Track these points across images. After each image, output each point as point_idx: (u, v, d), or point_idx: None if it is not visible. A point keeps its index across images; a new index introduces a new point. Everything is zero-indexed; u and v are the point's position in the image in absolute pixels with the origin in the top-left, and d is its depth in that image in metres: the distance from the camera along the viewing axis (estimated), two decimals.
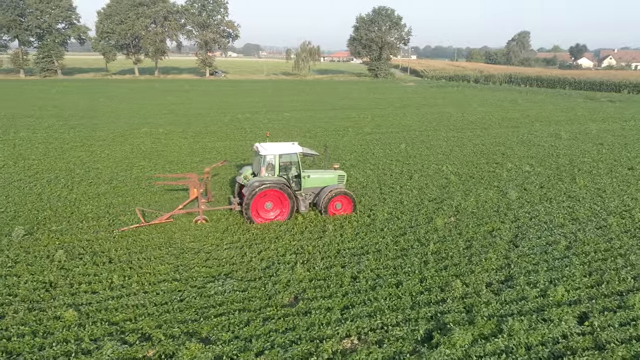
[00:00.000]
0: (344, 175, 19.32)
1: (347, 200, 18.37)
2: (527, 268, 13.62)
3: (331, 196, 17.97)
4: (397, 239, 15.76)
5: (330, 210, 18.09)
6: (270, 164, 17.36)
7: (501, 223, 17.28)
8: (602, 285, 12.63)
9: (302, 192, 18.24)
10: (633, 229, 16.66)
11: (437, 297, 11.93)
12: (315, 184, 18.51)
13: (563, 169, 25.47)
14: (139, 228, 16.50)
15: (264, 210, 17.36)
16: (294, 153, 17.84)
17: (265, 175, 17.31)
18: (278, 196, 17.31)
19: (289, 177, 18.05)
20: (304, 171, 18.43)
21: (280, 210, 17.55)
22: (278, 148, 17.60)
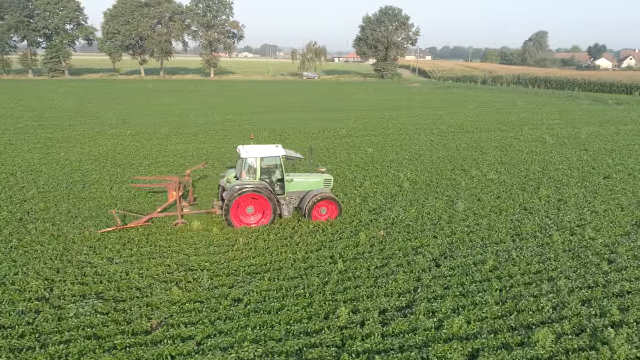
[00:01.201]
0: (330, 179, 18.36)
1: (332, 205, 17.54)
2: (436, 292, 12.15)
3: (315, 201, 17.11)
4: (309, 254, 14.45)
5: (315, 215, 17.25)
6: (251, 167, 16.67)
7: (433, 238, 15.78)
8: (513, 315, 11.11)
9: (286, 196, 17.35)
10: (577, 248, 14.97)
11: (315, 327, 10.60)
12: (299, 187, 17.66)
13: (531, 177, 23.69)
14: None
15: (245, 215, 16.74)
16: (276, 156, 17.02)
17: (247, 179, 16.63)
18: (259, 200, 16.54)
19: (272, 181, 17.21)
20: (288, 174, 17.56)
21: (262, 214, 16.83)
22: (260, 151, 16.84)
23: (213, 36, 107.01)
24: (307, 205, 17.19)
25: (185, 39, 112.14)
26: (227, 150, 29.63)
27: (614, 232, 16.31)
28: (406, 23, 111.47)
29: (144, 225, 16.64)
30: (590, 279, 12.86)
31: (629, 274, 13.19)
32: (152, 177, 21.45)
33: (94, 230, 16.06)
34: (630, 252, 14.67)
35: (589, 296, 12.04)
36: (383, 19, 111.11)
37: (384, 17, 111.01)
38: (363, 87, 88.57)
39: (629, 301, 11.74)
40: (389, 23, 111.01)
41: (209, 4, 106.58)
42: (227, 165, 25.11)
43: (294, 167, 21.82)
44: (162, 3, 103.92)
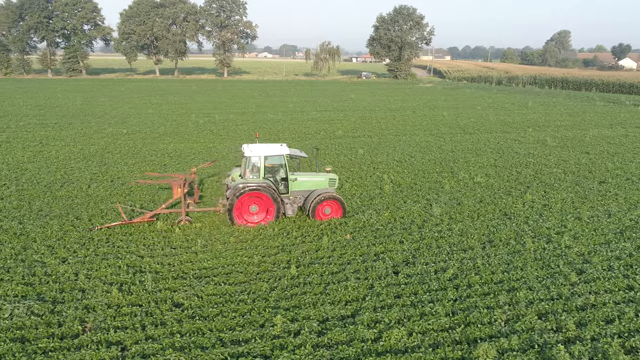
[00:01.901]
0: (335, 179, 18.13)
1: (336, 205, 17.33)
2: (385, 302, 11.60)
3: (319, 200, 16.98)
4: (266, 258, 14.04)
5: (319, 215, 17.14)
6: (255, 166, 16.62)
7: (399, 243, 15.20)
8: (460, 328, 10.49)
9: (290, 196, 17.23)
10: (549, 257, 14.18)
11: (247, 335, 10.17)
12: (303, 187, 17.56)
13: (521, 181, 22.79)
14: None
15: (248, 213, 16.73)
16: (280, 155, 16.92)
17: (250, 177, 16.56)
18: (263, 199, 16.48)
19: (276, 180, 17.12)
20: (292, 174, 17.42)
21: (265, 213, 16.81)
22: (264, 149, 16.81)
23: (226, 36, 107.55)
24: (310, 205, 17.03)
25: (199, 39, 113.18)
26: (217, 150, 29.47)
27: (593, 240, 15.44)
28: (420, 23, 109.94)
29: (149, 222, 16.73)
30: (554, 291, 12.12)
31: (597, 286, 12.39)
32: (160, 174, 21.53)
33: (97, 226, 16.11)
34: (606, 262, 13.83)
35: (549, 309, 11.32)
36: (397, 19, 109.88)
37: (398, 17, 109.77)
38: (371, 88, 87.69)
39: (590, 315, 10.98)
40: (403, 23, 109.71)
41: (223, 4, 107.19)
42: (235, 164, 24.91)
43: (300, 166, 21.64)
44: (177, 3, 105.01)
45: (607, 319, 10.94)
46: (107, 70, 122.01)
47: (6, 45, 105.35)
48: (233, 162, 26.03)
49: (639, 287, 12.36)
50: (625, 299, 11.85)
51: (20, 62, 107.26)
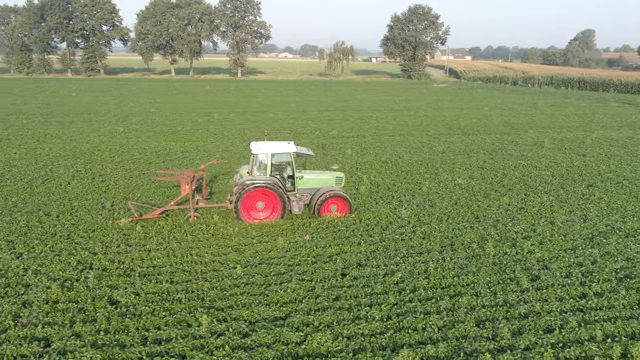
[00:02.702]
0: (342, 177, 18.23)
1: (342, 203, 17.39)
2: (322, 304, 11.39)
3: (325, 198, 17.12)
4: (217, 257, 13.98)
5: (325, 212, 17.21)
6: (262, 163, 16.87)
7: (357, 245, 14.94)
8: (389, 333, 10.20)
9: (297, 193, 17.41)
10: (508, 262, 13.72)
11: (171, 334, 10.09)
12: (309, 184, 17.71)
13: (505, 183, 22.19)
14: None
15: (255, 210, 16.98)
16: (286, 153, 17.12)
17: (257, 175, 16.84)
18: (269, 196, 16.75)
19: (283, 177, 17.33)
20: (299, 172, 17.60)
21: (272, 210, 17.02)
22: (270, 147, 17.04)
23: (240, 36, 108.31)
24: (316, 203, 17.15)
25: (214, 39, 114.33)
26: (206, 149, 29.61)
27: (560, 245, 14.88)
28: (436, 22, 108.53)
29: (159, 218, 17.08)
30: (501, 297, 11.72)
31: (548, 293, 11.91)
32: (171, 171, 21.78)
33: (113, 221, 16.65)
34: (565, 269, 13.31)
35: (489, 316, 10.94)
36: (412, 18, 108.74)
37: (413, 17, 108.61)
38: (383, 88, 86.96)
39: (531, 324, 10.56)
40: (418, 22, 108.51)
41: (237, 5, 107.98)
42: (244, 161, 24.96)
43: (308, 164, 22.32)
44: (192, 4, 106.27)
45: (547, 328, 10.51)
46: (126, 70, 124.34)
47: (28, 46, 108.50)
48: (242, 159, 26.32)
49: (593, 295, 11.86)
50: (574, 307, 11.36)
51: (41, 62, 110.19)
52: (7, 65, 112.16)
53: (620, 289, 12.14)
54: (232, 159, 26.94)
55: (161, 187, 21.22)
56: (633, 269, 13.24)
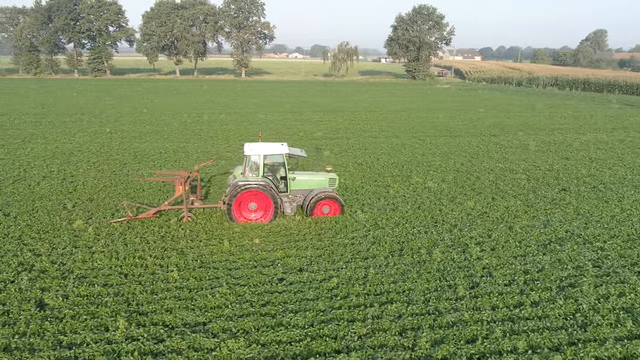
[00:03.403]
0: (335, 179, 18.28)
1: (334, 205, 17.52)
2: (245, 310, 11.25)
3: (317, 199, 17.30)
4: (160, 261, 13.89)
5: (317, 214, 17.39)
6: (255, 164, 16.99)
7: (304, 249, 14.76)
8: (305, 341, 10.02)
9: (290, 194, 17.51)
10: (451, 269, 13.42)
11: (87, 338, 10.02)
12: (302, 186, 17.85)
13: (475, 187, 21.82)
14: None
15: (247, 211, 17.16)
16: (279, 154, 17.25)
17: (250, 176, 16.95)
18: (261, 197, 16.90)
19: (276, 178, 17.42)
20: (292, 173, 17.69)
21: (264, 211, 17.14)
22: (263, 148, 17.16)
23: (244, 37, 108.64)
24: (308, 204, 17.28)
25: (219, 40, 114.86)
26: (184, 150, 29.61)
27: (511, 252, 14.54)
28: (440, 22, 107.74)
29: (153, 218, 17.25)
30: (432, 305, 11.46)
31: (483, 301, 11.61)
32: (163, 171, 21.95)
33: (107, 220, 16.85)
34: (509, 276, 12.99)
35: (415, 325, 10.69)
36: (416, 19, 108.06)
37: (417, 17, 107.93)
38: (385, 89, 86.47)
39: (455, 333, 10.31)
40: (422, 23, 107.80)
41: (241, 5, 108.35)
42: (239, 162, 24.94)
43: (302, 165, 22.53)
44: (196, 5, 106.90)
45: (471, 338, 10.23)
46: (133, 71, 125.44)
47: (36, 47, 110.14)
48: (223, 160, 26.57)
49: (528, 305, 11.54)
50: (506, 317, 11.06)
51: (48, 62, 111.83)
52: (16, 66, 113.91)
53: (559, 298, 11.79)
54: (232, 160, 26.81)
55: (128, 189, 21.24)
56: (579, 278, 12.86)
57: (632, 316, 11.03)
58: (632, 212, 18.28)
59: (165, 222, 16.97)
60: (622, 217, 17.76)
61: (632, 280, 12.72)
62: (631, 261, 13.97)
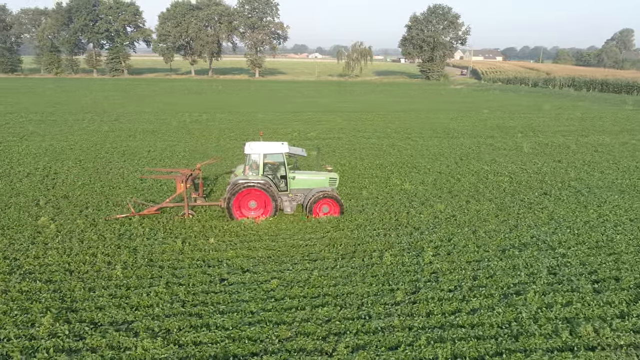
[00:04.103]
0: (335, 178, 18.46)
1: (333, 204, 17.58)
2: (175, 310, 11.20)
3: (316, 199, 17.38)
4: (111, 259, 13.97)
5: (316, 213, 17.46)
6: (254, 163, 17.23)
7: (255, 250, 14.65)
8: (223, 343, 9.91)
9: (290, 193, 17.72)
10: (398, 274, 13.10)
11: (10, 334, 10.11)
12: (302, 185, 17.99)
13: (452, 190, 21.34)
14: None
15: (247, 209, 17.40)
16: (279, 153, 17.45)
17: (250, 174, 17.22)
18: (260, 196, 17.15)
19: (276, 177, 17.66)
20: (292, 172, 17.92)
21: (263, 210, 17.35)
22: (263, 147, 17.42)
23: (258, 37, 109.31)
24: (308, 203, 17.39)
25: (234, 40, 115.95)
26: (171, 149, 29.85)
27: (466, 257, 14.13)
28: (455, 22, 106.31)
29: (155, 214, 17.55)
30: (366, 310, 11.20)
31: (419, 308, 11.30)
32: (165, 169, 22.17)
33: (113, 216, 17.23)
34: (455, 282, 12.60)
35: (342, 329, 10.47)
36: (431, 18, 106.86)
37: (432, 17, 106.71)
38: (396, 89, 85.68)
39: (382, 339, 10.04)
40: (437, 22, 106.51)
41: (255, 6, 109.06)
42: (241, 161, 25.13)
43: (303, 165, 22.83)
44: (211, 6, 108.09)
45: (395, 344, 9.95)
46: (151, 70, 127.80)
47: (57, 47, 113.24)
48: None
49: (466, 312, 11.17)
50: (438, 323, 10.72)
51: (69, 62, 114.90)
52: (38, 66, 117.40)
53: (500, 306, 11.38)
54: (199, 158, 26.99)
55: (106, 187, 21.50)
56: (529, 285, 12.39)
57: (571, 327, 10.57)
58: (608, 218, 17.57)
59: (128, 220, 17.08)
60: (596, 222, 17.08)
61: (584, 289, 12.19)
62: (590, 269, 13.40)
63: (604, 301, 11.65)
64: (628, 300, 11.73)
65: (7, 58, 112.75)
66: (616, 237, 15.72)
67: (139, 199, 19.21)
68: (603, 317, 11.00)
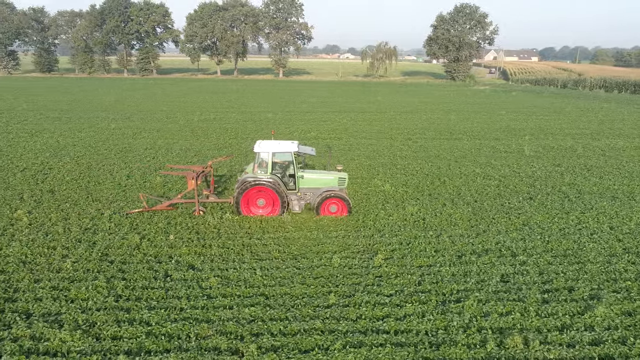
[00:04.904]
0: (345, 178, 18.47)
1: (341, 204, 17.70)
2: (106, 304, 11.36)
3: (324, 198, 17.55)
4: (64, 251, 14.32)
5: (324, 212, 17.64)
6: (263, 161, 17.51)
7: (209, 248, 14.72)
8: (140, 339, 10.01)
9: (299, 192, 18.02)
10: (341, 276, 12.87)
11: None
12: (311, 184, 18.10)
13: (432, 193, 20.79)
14: None
15: (255, 207, 17.69)
16: (288, 152, 17.64)
17: (258, 172, 17.52)
18: (268, 194, 17.42)
19: (285, 175, 18.01)
20: (301, 171, 18.23)
21: (272, 207, 17.59)
22: (272, 146, 17.68)
23: (282, 37, 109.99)
24: (315, 202, 17.60)
25: (259, 40, 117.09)
26: (167, 147, 30.37)
27: (420, 261, 13.74)
28: (483, 21, 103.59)
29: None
30: (294, 312, 11.05)
31: (349, 311, 11.07)
32: (180, 166, 22.98)
33: (126, 211, 17.82)
34: (397, 286, 12.28)
35: (264, 330, 10.37)
36: (457, 18, 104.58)
37: (459, 16, 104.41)
38: (419, 89, 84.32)
39: (298, 342, 9.91)
40: (464, 22, 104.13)
41: (280, 7, 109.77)
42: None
43: (318, 164, 23.12)
44: (237, 6, 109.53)
45: (309, 347, 9.78)
46: (178, 70, 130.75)
47: (90, 47, 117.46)
48: (202, 157, 27.26)
49: (396, 317, 10.86)
50: (363, 328, 10.47)
51: (101, 62, 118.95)
52: (73, 66, 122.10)
53: (433, 313, 10.99)
54: (190, 157, 27.50)
55: (92, 182, 22.09)
56: (471, 292, 11.92)
57: (501, 337, 10.10)
58: (587, 225, 16.70)
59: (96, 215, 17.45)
60: (572, 230, 16.27)
61: (531, 299, 11.61)
62: (546, 278, 12.78)
63: (548, 312, 11.09)
64: (574, 313, 11.12)
65: (45, 58, 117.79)
66: (588, 245, 14.94)
67: (154, 195, 19.55)
68: (540, 329, 10.46)
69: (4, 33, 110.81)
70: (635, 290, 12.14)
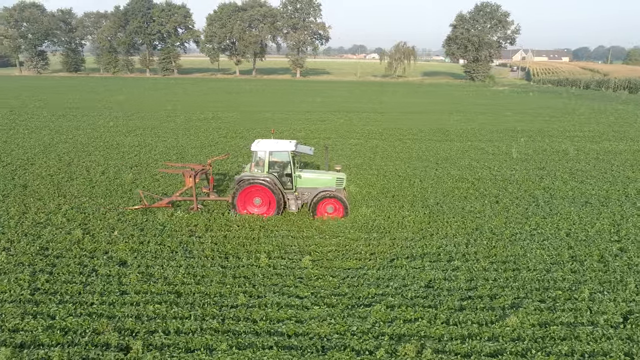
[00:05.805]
0: (343, 178, 18.32)
1: (338, 204, 17.57)
2: (17, 298, 11.58)
3: (320, 198, 17.48)
4: (13, 247, 14.72)
5: (320, 212, 17.56)
6: (261, 160, 17.65)
7: (147, 244, 14.83)
8: (88, 337, 10.17)
9: (296, 192, 18.04)
10: (261, 276, 12.76)
11: None
12: (308, 184, 18.04)
13: (395, 194, 20.37)
14: None
15: (252, 205, 17.73)
16: (285, 151, 17.65)
17: (255, 171, 17.69)
18: (264, 193, 17.46)
19: (282, 175, 18.09)
20: (301, 170, 18.40)
21: (268, 206, 17.63)
22: (269, 145, 17.80)
23: (299, 37, 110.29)
24: (312, 202, 17.53)
25: (278, 41, 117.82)
26: (152, 145, 30.83)
27: (349, 264, 13.52)
28: (504, 21, 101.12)
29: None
30: (198, 311, 11.01)
31: (253, 313, 10.96)
32: (178, 164, 23.35)
33: (124, 207, 18.17)
34: (315, 289, 12.07)
35: (162, 328, 10.36)
36: (477, 17, 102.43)
37: (479, 15, 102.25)
38: (433, 89, 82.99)
39: (186, 341, 9.87)
40: (484, 21, 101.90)
41: (298, 7, 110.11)
42: None
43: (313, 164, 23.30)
44: (255, 7, 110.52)
45: (195, 347, 9.76)
46: (199, 70, 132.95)
47: (115, 48, 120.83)
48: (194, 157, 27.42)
49: (295, 321, 10.67)
50: (261, 330, 10.36)
51: (125, 62, 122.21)
52: (98, 66, 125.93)
53: (335, 317, 10.74)
54: (175, 155, 27.85)
55: (65, 178, 22.64)
56: (385, 297, 11.58)
57: (396, 344, 9.76)
58: (543, 231, 16.02)
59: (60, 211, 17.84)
60: (524, 236, 15.63)
61: (446, 305, 11.22)
62: (473, 285, 12.30)
63: (458, 320, 10.68)
64: (486, 322, 10.65)
65: (72, 58, 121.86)
66: (535, 252, 14.34)
67: (151, 192, 19.73)
68: (441, 338, 10.07)
69: (34, 34, 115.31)
70: (562, 300, 11.55)
